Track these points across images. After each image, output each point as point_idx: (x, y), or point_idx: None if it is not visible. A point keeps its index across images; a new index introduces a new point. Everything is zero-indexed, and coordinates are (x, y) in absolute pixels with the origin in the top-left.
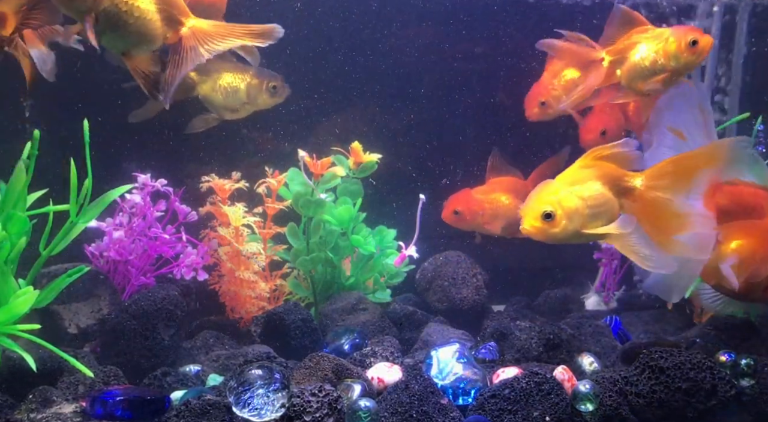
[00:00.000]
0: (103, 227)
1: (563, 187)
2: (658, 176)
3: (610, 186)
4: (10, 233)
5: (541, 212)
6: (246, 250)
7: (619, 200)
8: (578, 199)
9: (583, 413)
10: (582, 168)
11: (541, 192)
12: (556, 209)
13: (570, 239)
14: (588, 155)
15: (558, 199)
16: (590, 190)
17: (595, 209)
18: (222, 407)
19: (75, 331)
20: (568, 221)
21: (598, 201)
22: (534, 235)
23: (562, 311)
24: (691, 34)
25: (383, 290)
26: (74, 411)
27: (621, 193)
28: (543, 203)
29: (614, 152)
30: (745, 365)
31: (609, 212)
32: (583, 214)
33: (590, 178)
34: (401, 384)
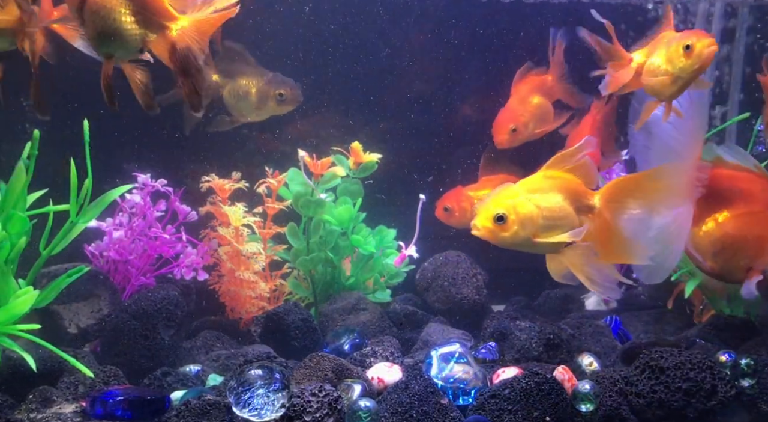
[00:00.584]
0: (103, 227)
1: (522, 192)
2: (612, 198)
3: (572, 201)
4: (10, 233)
5: (494, 213)
6: (246, 250)
7: (579, 217)
8: (535, 207)
9: (583, 413)
10: (546, 178)
11: (498, 194)
12: (509, 214)
13: (521, 247)
14: (554, 164)
15: (514, 203)
16: (549, 201)
17: (550, 221)
18: (222, 407)
19: (75, 331)
20: (520, 227)
21: (555, 213)
22: (483, 236)
23: (562, 311)
24: (687, 38)
25: (383, 290)
26: (74, 411)
27: (581, 210)
28: (498, 205)
29: (581, 163)
30: (745, 365)
31: (567, 227)
32: (537, 223)
33: (552, 189)
34: (401, 384)
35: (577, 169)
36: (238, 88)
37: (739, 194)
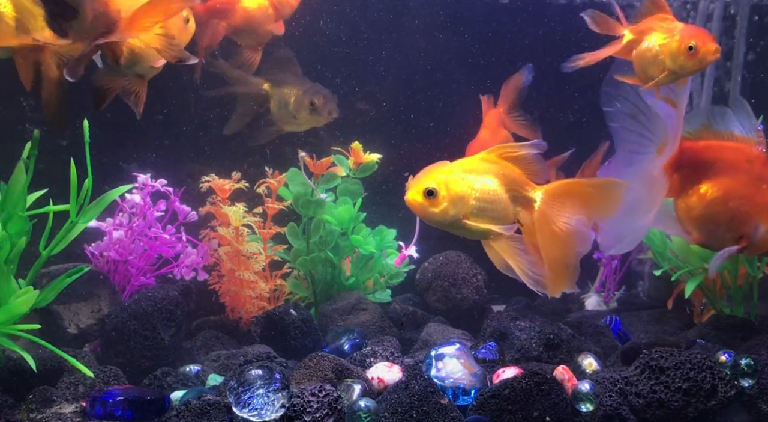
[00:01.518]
0: (103, 227)
1: (457, 171)
2: (556, 197)
3: (508, 189)
4: (10, 233)
5: (425, 187)
6: (246, 250)
7: (515, 207)
8: (468, 187)
9: (583, 413)
10: (484, 161)
11: (432, 169)
12: (440, 189)
13: (451, 227)
14: (494, 150)
15: (446, 180)
16: (484, 184)
17: (482, 204)
18: (222, 407)
19: (75, 331)
20: (450, 204)
21: (488, 197)
22: (413, 209)
23: (562, 311)
24: (692, 39)
25: (383, 290)
26: (74, 411)
27: (519, 201)
28: (429, 179)
29: (523, 154)
30: (745, 365)
31: (500, 213)
32: (468, 204)
33: (489, 172)
34: (401, 384)
35: (523, 161)
36: (280, 98)
37: (722, 165)
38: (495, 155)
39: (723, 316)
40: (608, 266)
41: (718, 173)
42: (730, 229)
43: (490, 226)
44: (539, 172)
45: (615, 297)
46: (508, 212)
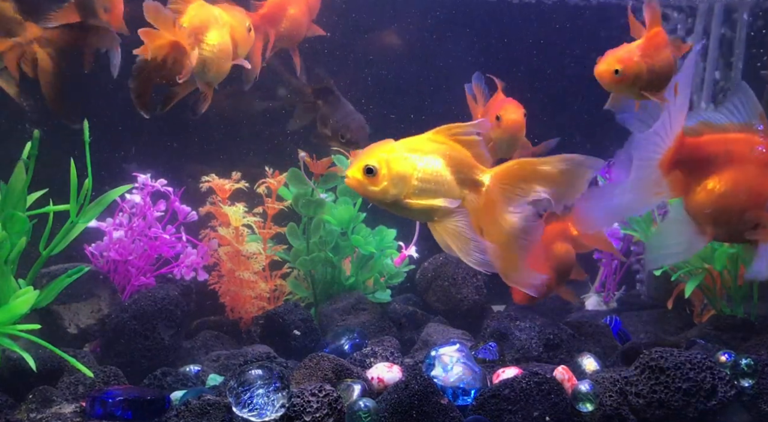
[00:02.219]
0: (103, 227)
1: (401, 150)
2: (505, 179)
3: (455, 171)
4: (10, 233)
5: (365, 164)
6: (246, 250)
7: (461, 190)
8: (411, 166)
9: (583, 413)
10: (430, 140)
11: (375, 147)
12: (381, 167)
13: (392, 207)
14: (443, 130)
15: (388, 158)
16: (428, 164)
17: (425, 184)
18: (222, 407)
19: (75, 331)
20: (390, 183)
21: (432, 177)
22: (353, 187)
23: (562, 312)
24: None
25: (383, 290)
26: (74, 411)
27: (466, 184)
28: (370, 157)
29: (470, 138)
30: (745, 365)
31: (443, 195)
32: (410, 184)
33: (434, 153)
34: (401, 384)
35: (472, 143)
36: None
37: (726, 157)
38: (443, 135)
39: (723, 316)
40: (608, 266)
41: (723, 166)
42: (744, 220)
43: (433, 201)
44: (485, 155)
45: (615, 297)
46: (453, 194)
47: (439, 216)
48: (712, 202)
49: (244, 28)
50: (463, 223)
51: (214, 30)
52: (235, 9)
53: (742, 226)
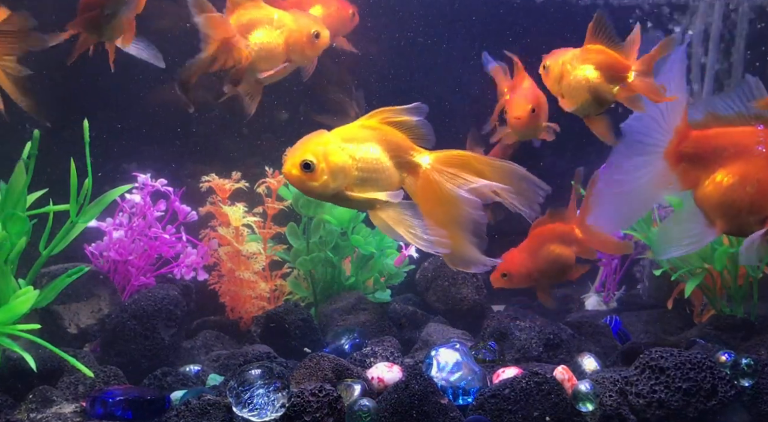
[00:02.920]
0: (103, 227)
1: (336, 141)
2: (446, 162)
3: (392, 155)
4: (10, 233)
5: (301, 160)
6: (246, 250)
7: (400, 173)
8: (348, 157)
9: (583, 413)
10: (363, 128)
11: (308, 140)
12: (319, 162)
13: (333, 200)
14: (374, 115)
15: (325, 151)
16: (366, 152)
17: (366, 173)
18: (222, 407)
19: (75, 331)
20: (330, 177)
21: (371, 166)
22: (291, 183)
23: (562, 312)
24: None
25: (383, 290)
26: (74, 411)
27: (404, 167)
28: (306, 151)
29: (404, 119)
30: (745, 365)
31: (384, 182)
32: (351, 175)
33: (370, 140)
34: (401, 384)
35: (406, 126)
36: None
37: (734, 150)
38: (376, 120)
39: (723, 316)
40: (608, 266)
41: (731, 158)
42: (753, 212)
43: (375, 194)
44: (425, 136)
45: (615, 297)
46: (393, 180)
47: (381, 203)
48: (721, 194)
49: (306, 32)
50: (407, 207)
51: (262, 30)
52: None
53: (752, 219)
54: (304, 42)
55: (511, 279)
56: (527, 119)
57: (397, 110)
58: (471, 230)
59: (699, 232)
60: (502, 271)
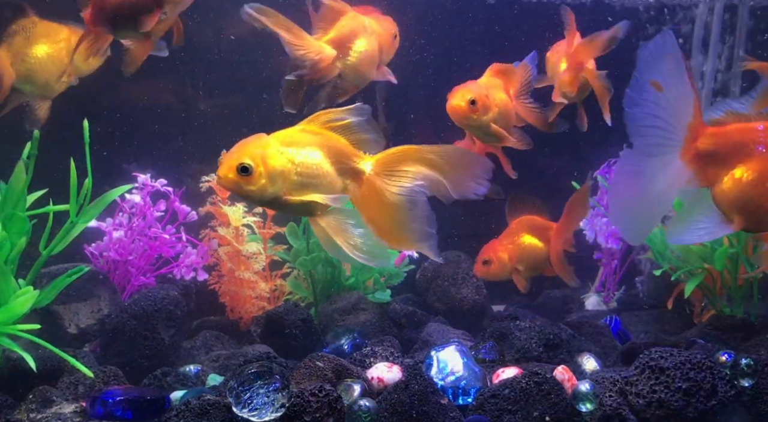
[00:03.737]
0: (103, 227)
1: (275, 144)
2: (387, 164)
3: (334, 161)
4: (10, 233)
5: (238, 163)
6: (246, 250)
7: (343, 181)
8: (288, 161)
9: (583, 413)
10: (304, 132)
11: (246, 143)
12: (256, 165)
13: (272, 205)
14: (316, 119)
15: (263, 155)
16: (306, 157)
17: (306, 179)
18: (222, 407)
19: (75, 331)
20: (268, 181)
21: (311, 171)
22: (226, 187)
23: (562, 312)
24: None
25: (383, 290)
26: (74, 411)
27: (347, 173)
28: (243, 154)
29: (348, 122)
30: (745, 365)
31: (325, 188)
32: (290, 179)
33: (311, 144)
34: (401, 384)
35: (349, 130)
36: None
37: (753, 146)
38: (317, 124)
39: (723, 316)
40: (608, 266)
41: (750, 154)
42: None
43: (314, 196)
44: (370, 141)
45: (615, 297)
46: (335, 187)
47: (322, 210)
48: (740, 191)
49: (390, 36)
50: (347, 216)
51: (363, 38)
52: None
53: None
54: (389, 44)
55: (491, 266)
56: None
57: (338, 111)
58: (418, 231)
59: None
60: (483, 258)
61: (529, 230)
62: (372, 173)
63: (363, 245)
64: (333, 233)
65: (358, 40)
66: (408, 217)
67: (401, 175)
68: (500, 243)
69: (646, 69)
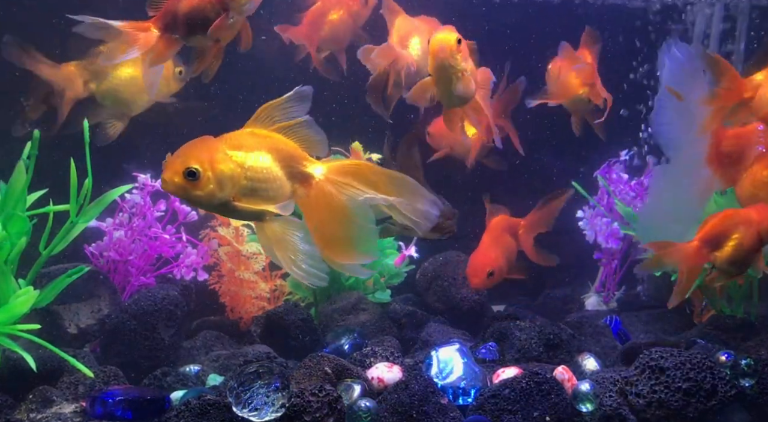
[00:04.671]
0: (103, 227)
1: (223, 148)
2: (339, 172)
3: (284, 165)
4: (10, 233)
5: (185, 167)
6: (246, 250)
7: (292, 184)
8: (237, 166)
9: (583, 413)
10: (253, 135)
11: (192, 146)
12: (204, 170)
13: (219, 211)
14: (261, 112)
15: (210, 158)
16: (256, 161)
17: (255, 183)
18: (222, 407)
19: (75, 331)
20: (217, 186)
21: (261, 175)
22: (172, 192)
23: (562, 312)
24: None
25: (383, 290)
26: (74, 411)
27: (296, 177)
28: (190, 158)
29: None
30: (745, 365)
31: (275, 193)
32: (239, 184)
33: (260, 148)
34: (401, 384)
35: (298, 133)
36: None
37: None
38: (265, 125)
39: (723, 316)
40: (608, 266)
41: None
42: None
43: (264, 206)
44: (318, 144)
45: (615, 297)
46: (284, 191)
47: (270, 216)
48: (757, 189)
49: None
50: (294, 226)
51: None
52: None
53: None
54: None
55: (494, 276)
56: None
57: (281, 101)
58: (362, 243)
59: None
60: (488, 271)
61: (508, 230)
62: (323, 178)
63: (302, 262)
64: (276, 243)
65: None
66: (353, 227)
67: (351, 187)
68: (492, 251)
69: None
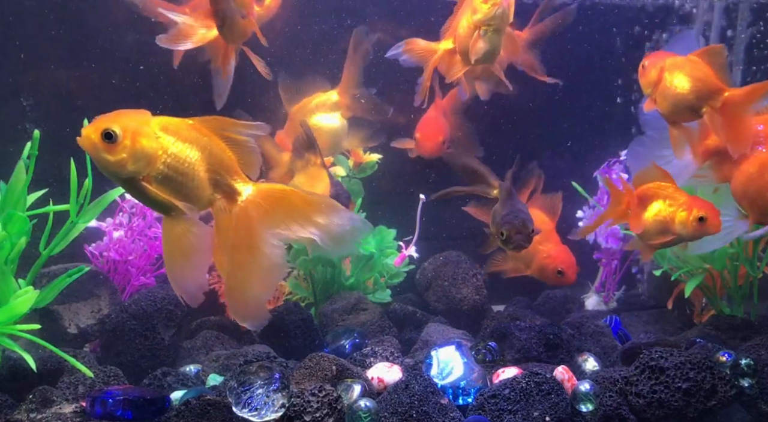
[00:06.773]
0: (103, 227)
1: (155, 126)
2: (267, 198)
3: (211, 170)
4: (10, 233)
5: (105, 127)
6: None
7: (213, 194)
8: (159, 147)
9: (583, 413)
10: (192, 128)
11: (125, 113)
12: (124, 137)
13: (125, 185)
14: (211, 121)
15: (136, 130)
16: (182, 151)
17: (171, 172)
18: (222, 407)
19: (75, 331)
20: (130, 157)
21: (181, 168)
22: (85, 148)
23: (562, 312)
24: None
25: (383, 290)
26: (74, 411)
27: (221, 188)
28: (115, 122)
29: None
30: (745, 365)
31: (190, 192)
32: (154, 166)
33: (193, 142)
34: (401, 384)
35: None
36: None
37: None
38: (209, 127)
39: (723, 316)
40: (608, 266)
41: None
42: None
43: (170, 198)
44: (250, 164)
45: (615, 297)
46: (201, 194)
47: (177, 212)
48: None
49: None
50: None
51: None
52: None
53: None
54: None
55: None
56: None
57: (239, 124)
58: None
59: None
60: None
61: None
62: (250, 200)
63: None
64: (170, 249)
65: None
66: (262, 258)
67: (275, 216)
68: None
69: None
